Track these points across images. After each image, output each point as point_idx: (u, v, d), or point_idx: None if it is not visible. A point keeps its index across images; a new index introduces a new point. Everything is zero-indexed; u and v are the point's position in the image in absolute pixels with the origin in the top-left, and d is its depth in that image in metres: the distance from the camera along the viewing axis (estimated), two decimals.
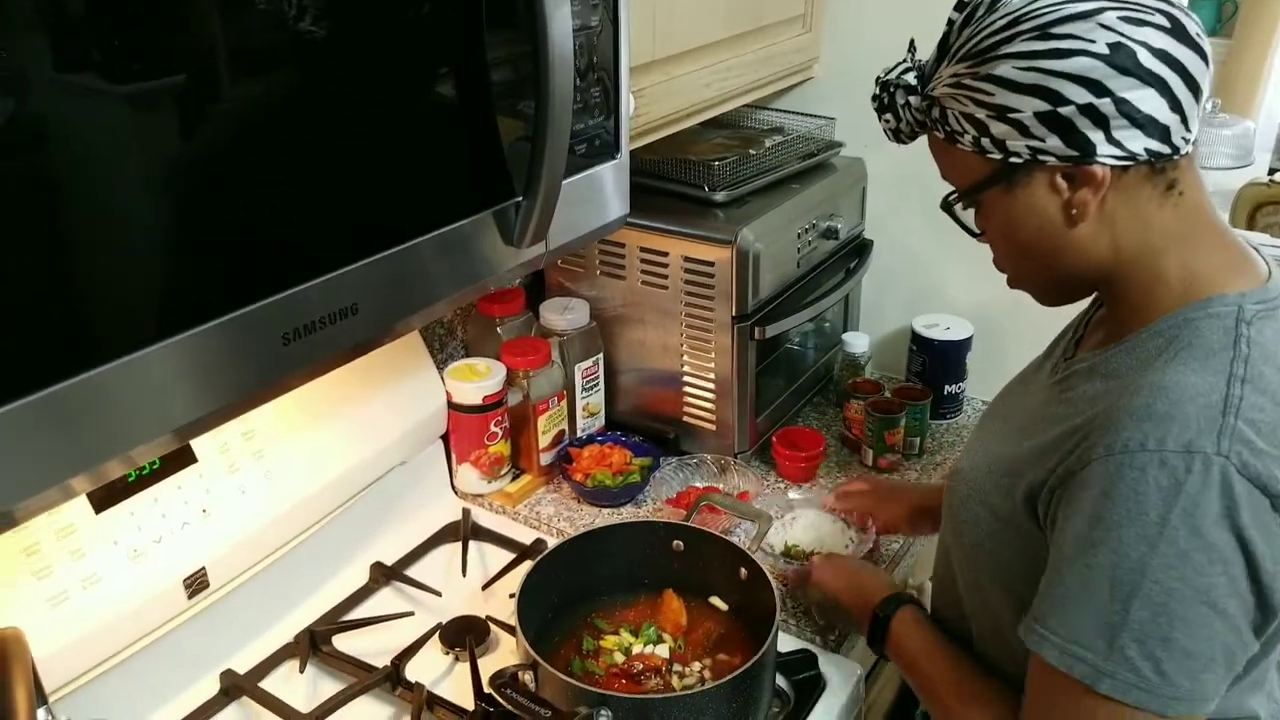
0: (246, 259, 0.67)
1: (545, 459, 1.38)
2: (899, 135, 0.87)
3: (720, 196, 1.33)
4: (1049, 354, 0.96)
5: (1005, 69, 0.75)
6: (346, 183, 0.73)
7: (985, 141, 0.77)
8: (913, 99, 0.83)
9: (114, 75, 0.58)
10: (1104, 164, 0.74)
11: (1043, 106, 0.73)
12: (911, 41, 0.88)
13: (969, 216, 0.85)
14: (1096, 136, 0.73)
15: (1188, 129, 0.74)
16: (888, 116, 0.86)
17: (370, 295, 0.76)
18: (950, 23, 0.81)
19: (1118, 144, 0.73)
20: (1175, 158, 0.75)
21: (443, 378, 1.31)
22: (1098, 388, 0.80)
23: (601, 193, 0.98)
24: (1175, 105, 0.73)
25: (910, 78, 0.84)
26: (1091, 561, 0.72)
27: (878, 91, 0.86)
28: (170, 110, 0.61)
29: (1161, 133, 0.73)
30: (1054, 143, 0.74)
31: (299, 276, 0.70)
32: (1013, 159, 0.77)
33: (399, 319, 0.81)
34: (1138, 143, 0.73)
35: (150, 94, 0.60)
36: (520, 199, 0.86)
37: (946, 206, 0.85)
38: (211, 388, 0.68)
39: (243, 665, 1.08)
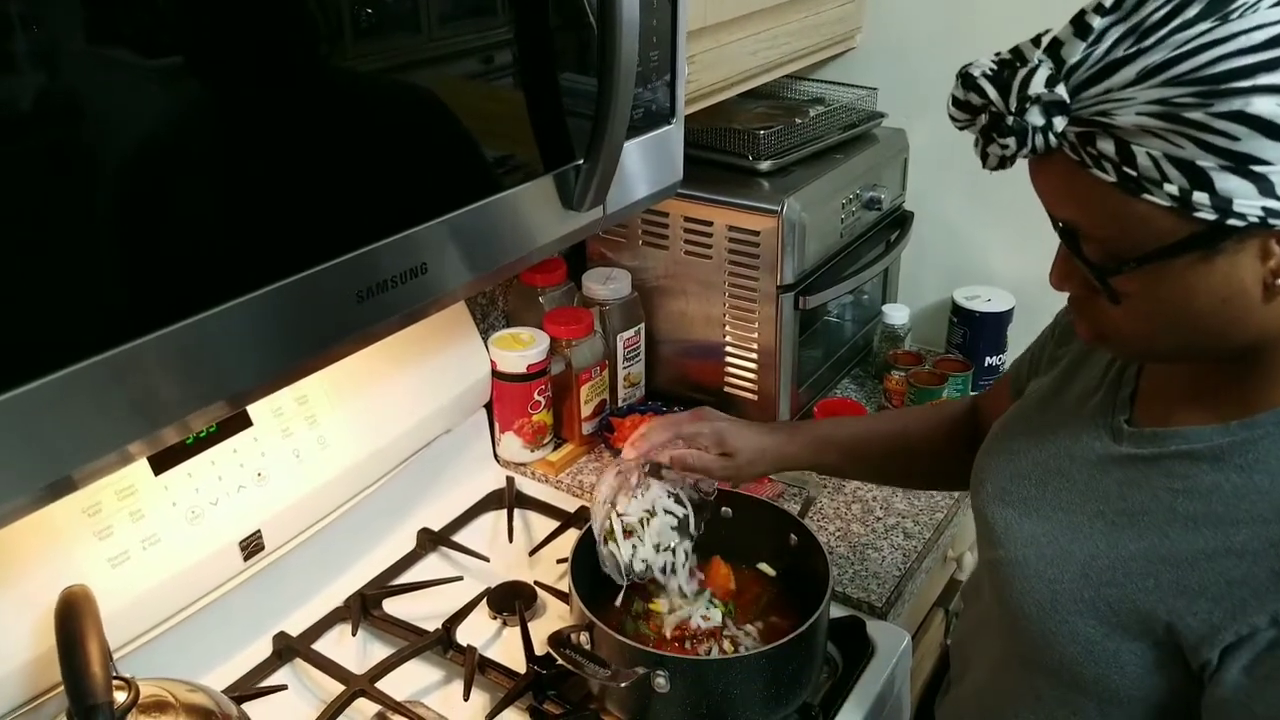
0: (326, 217, 0.68)
1: (587, 428, 1.39)
2: (1007, 163, 0.63)
3: (765, 166, 1.33)
4: (1078, 399, 0.80)
5: (1265, 105, 0.54)
6: (418, 145, 0.74)
7: (1199, 197, 0.57)
8: (1058, 120, 0.59)
9: (192, 45, 0.58)
10: None
11: None
12: (1041, 35, 0.62)
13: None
14: None
15: None
16: (1006, 141, 0.61)
17: (438, 255, 0.76)
18: (1119, 10, 0.59)
19: None
20: None
21: (487, 346, 1.32)
22: (1239, 483, 0.65)
23: (658, 158, 0.97)
24: None
25: (1061, 90, 0.59)
26: None
27: (993, 103, 0.61)
28: (243, 73, 0.61)
29: None
30: None
31: (374, 234, 0.70)
32: (1232, 221, 0.57)
33: (463, 279, 0.81)
34: None
35: (217, 57, 0.60)
36: (580, 162, 0.86)
37: (1101, 274, 0.64)
38: (286, 345, 0.68)
39: (295, 628, 1.09)
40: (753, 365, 1.38)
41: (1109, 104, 0.58)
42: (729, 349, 1.39)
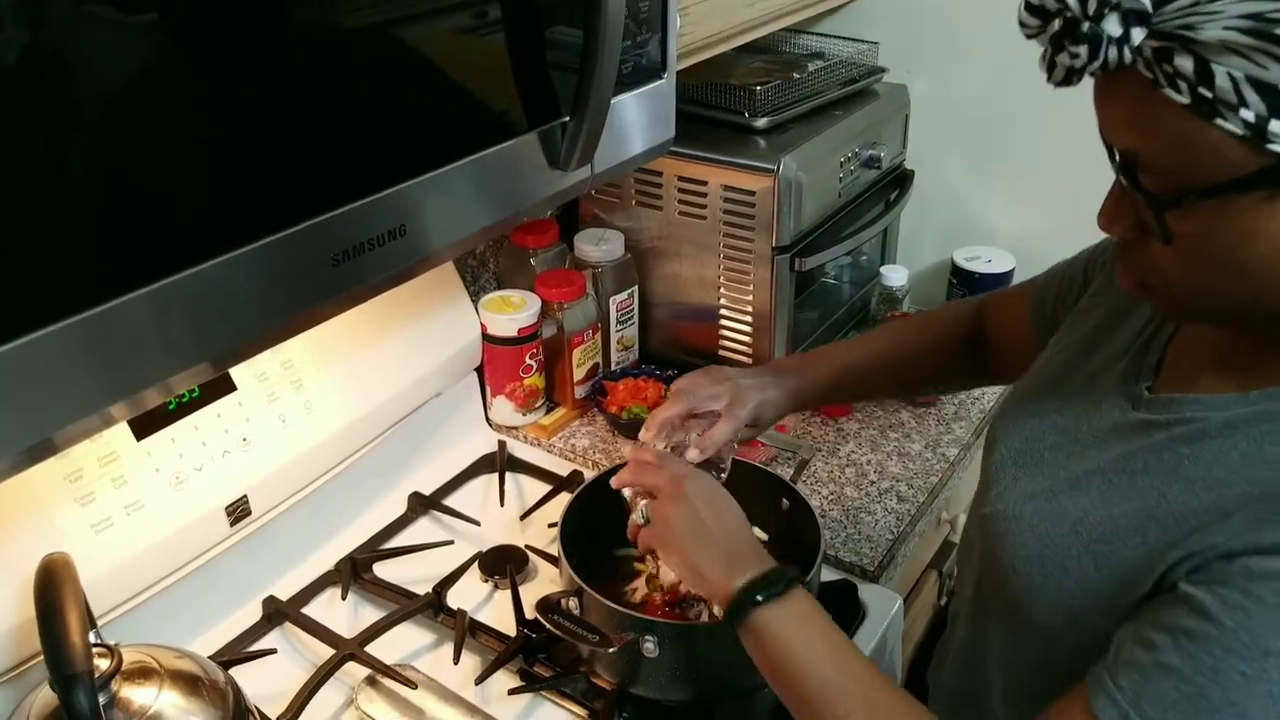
0: (298, 177, 0.65)
1: (580, 392, 1.37)
2: (1074, 77, 0.59)
3: (761, 123, 1.30)
4: (1103, 364, 0.78)
5: None
6: (393, 101, 0.71)
7: (1276, 127, 0.53)
8: (1136, 32, 0.55)
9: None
10: None
11: None
12: None
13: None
14: None
15: None
16: (1077, 50, 0.57)
17: (417, 217, 0.74)
18: None
19: None
20: None
21: (477, 310, 1.30)
22: (1247, 451, 0.63)
23: (648, 114, 0.95)
24: None
25: None
26: (1218, 666, 0.58)
27: (1069, 7, 0.57)
28: (217, 27, 0.59)
29: None
30: None
31: (349, 196, 0.68)
32: None
33: (444, 242, 0.79)
34: None
35: (194, 8, 0.58)
36: (566, 119, 0.84)
37: (1160, 206, 0.60)
38: (261, 310, 0.66)
39: (285, 592, 1.09)
40: (748, 328, 1.36)
41: (1195, 16, 0.53)
42: (724, 311, 1.37)
